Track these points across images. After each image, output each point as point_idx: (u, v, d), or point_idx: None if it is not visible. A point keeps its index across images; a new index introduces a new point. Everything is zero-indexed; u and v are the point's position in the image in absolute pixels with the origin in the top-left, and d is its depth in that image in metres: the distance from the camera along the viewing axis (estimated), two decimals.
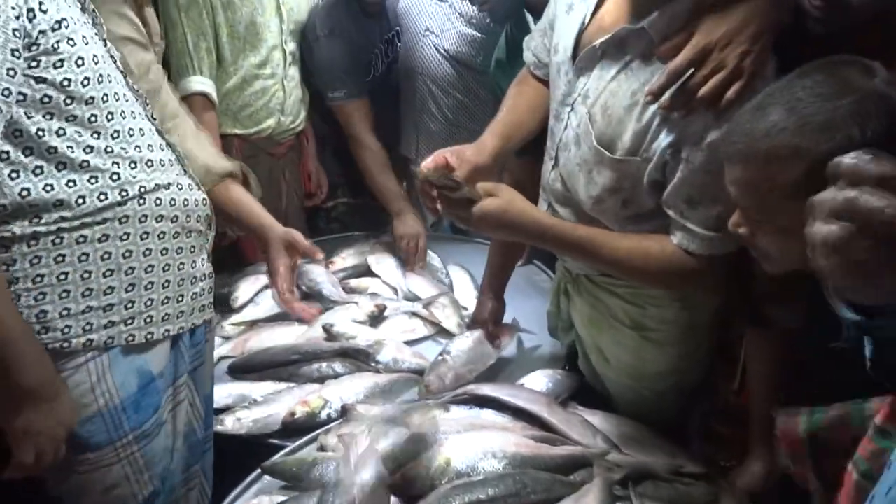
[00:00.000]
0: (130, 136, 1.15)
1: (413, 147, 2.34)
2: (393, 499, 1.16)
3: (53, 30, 1.02)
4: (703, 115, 1.07)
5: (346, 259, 2.10)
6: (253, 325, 1.82)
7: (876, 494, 0.65)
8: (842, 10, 1.00)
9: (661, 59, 1.09)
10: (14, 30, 0.97)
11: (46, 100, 1.03)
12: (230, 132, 2.08)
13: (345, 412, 1.45)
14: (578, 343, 1.57)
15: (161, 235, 1.18)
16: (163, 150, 1.22)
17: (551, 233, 1.19)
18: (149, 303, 1.17)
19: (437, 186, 1.16)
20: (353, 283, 1.99)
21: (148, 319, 1.18)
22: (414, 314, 1.84)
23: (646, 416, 1.46)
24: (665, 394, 1.48)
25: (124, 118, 1.13)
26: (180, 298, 1.23)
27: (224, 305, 1.85)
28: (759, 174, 0.88)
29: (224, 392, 1.55)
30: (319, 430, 1.41)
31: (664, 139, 1.11)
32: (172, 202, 1.20)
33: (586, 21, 1.22)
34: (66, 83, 1.04)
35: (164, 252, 1.19)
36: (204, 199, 1.28)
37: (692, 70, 1.05)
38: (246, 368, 1.66)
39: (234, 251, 2.06)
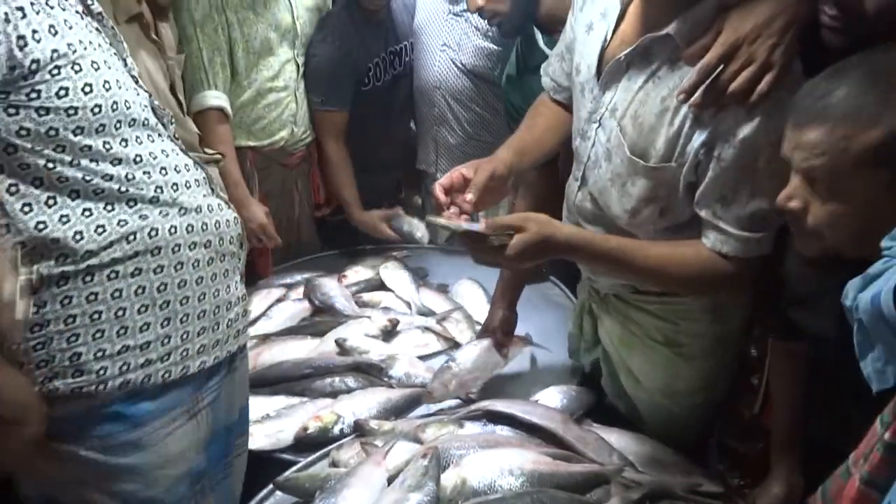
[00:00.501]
0: (154, 159, 1.09)
1: (433, 162, 2.35)
2: None
3: (52, 58, 0.96)
4: (734, 112, 1.07)
5: (358, 273, 2.10)
6: (265, 339, 1.82)
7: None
8: (857, 20, 1.00)
9: (689, 61, 1.10)
10: None
11: (53, 133, 0.97)
12: (244, 144, 2.09)
13: (358, 427, 1.44)
14: (605, 363, 1.55)
15: (196, 264, 1.12)
16: (188, 170, 1.15)
17: (584, 248, 1.18)
18: (185, 336, 1.11)
19: (462, 235, 1.14)
20: (366, 296, 1.99)
21: (184, 353, 1.11)
22: (427, 329, 1.83)
23: (675, 433, 1.45)
24: (695, 409, 1.48)
25: (140, 143, 1.07)
26: (216, 327, 1.16)
27: None
28: (833, 135, 0.86)
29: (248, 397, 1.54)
30: (332, 446, 1.40)
31: (697, 139, 1.11)
32: (205, 227, 1.13)
33: (608, 37, 1.23)
34: (72, 112, 0.98)
35: (199, 281, 1.13)
36: (235, 217, 1.22)
37: (722, 66, 1.05)
38: (258, 383, 1.64)
39: (245, 265, 2.05)
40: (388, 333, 1.80)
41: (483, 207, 1.29)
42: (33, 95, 0.96)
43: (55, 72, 0.97)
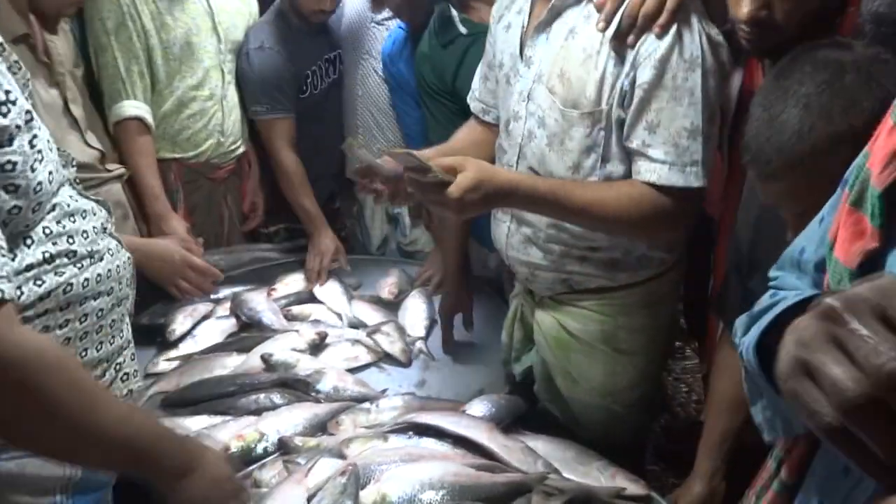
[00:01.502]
0: (66, 207, 1.01)
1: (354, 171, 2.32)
2: None
3: (27, 122, 0.89)
4: (650, 39, 1.17)
5: (288, 285, 2.05)
6: (188, 358, 1.76)
7: None
8: (772, 29, 1.04)
9: (598, 7, 1.20)
10: None
11: (16, 211, 0.89)
12: (168, 156, 2.02)
13: (282, 445, 1.40)
14: (539, 367, 1.56)
15: (99, 314, 1.07)
16: (94, 214, 1.08)
17: (523, 187, 1.20)
18: None
19: (406, 170, 1.15)
20: (296, 310, 1.94)
21: None
22: (357, 341, 1.80)
23: (612, 433, 1.49)
24: (632, 406, 1.51)
25: (58, 191, 0.99)
26: (104, 375, 1.13)
27: (159, 337, 1.79)
28: (810, 175, 0.88)
29: None
30: (254, 466, 1.36)
31: (621, 75, 1.19)
32: (109, 274, 1.08)
33: (525, 23, 1.34)
34: (38, 188, 0.91)
35: (98, 330, 1.08)
36: (128, 257, 1.16)
37: None
38: (180, 402, 1.59)
39: None
40: (317, 347, 1.76)
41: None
42: (8, 167, 0.88)
43: (33, 143, 0.91)
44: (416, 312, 1.91)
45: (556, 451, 1.37)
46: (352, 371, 1.70)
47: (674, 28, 1.16)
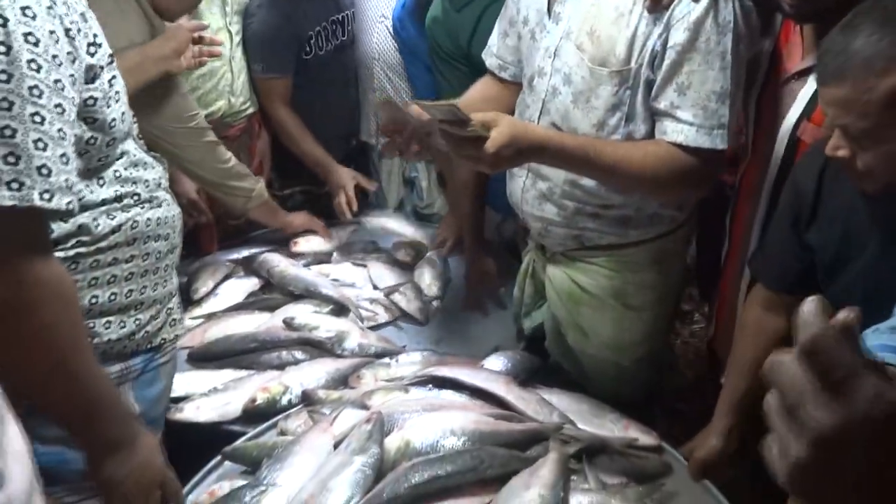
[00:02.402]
0: (133, 156, 1.11)
1: (374, 133, 2.34)
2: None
3: (108, 64, 1.00)
4: (685, 0, 1.18)
5: (310, 242, 2.08)
6: (212, 316, 1.80)
7: None
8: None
9: None
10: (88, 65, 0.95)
11: (92, 141, 1.00)
12: None
13: (305, 397, 1.45)
14: (550, 322, 1.60)
15: (158, 255, 1.16)
16: (154, 167, 1.17)
17: (554, 142, 1.22)
18: (137, 322, 1.14)
19: (441, 123, 1.15)
20: (315, 269, 1.98)
21: (131, 338, 1.14)
22: (375, 301, 1.85)
23: (620, 388, 1.53)
24: (640, 362, 1.56)
25: (124, 141, 1.09)
26: (157, 316, 1.19)
27: (183, 295, 1.83)
28: (856, 90, 0.89)
29: (183, 380, 1.53)
30: (280, 416, 1.41)
31: (653, 35, 1.21)
32: (166, 220, 1.17)
33: None
34: (112, 124, 1.01)
35: (155, 272, 1.16)
36: (179, 212, 1.24)
37: None
38: (205, 357, 1.64)
39: (189, 241, 2.03)
40: (339, 310, 1.80)
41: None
42: (90, 102, 0.98)
43: (112, 83, 1.01)
44: (431, 273, 1.95)
45: (571, 404, 1.42)
46: (371, 329, 1.75)
47: None
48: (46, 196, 0.86)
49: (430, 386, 1.43)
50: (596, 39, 1.26)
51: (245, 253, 2.04)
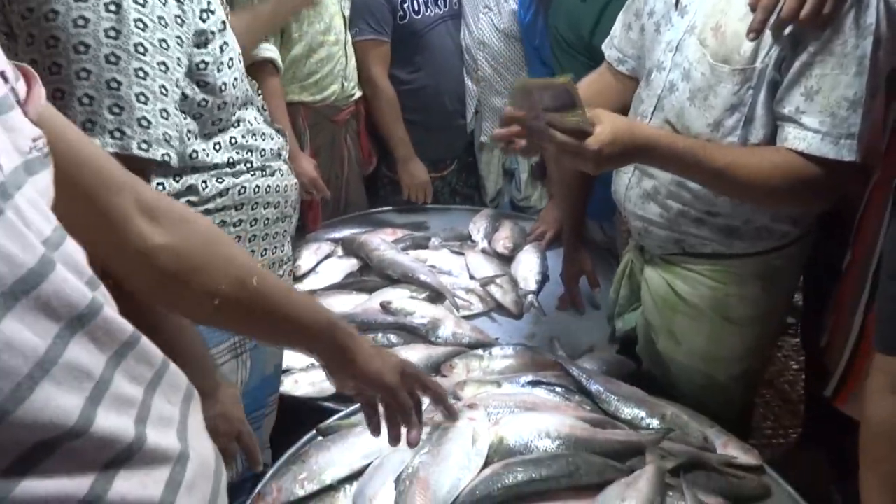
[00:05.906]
0: (250, 125, 1.16)
1: (475, 120, 2.34)
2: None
3: (220, 30, 1.03)
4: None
5: (405, 229, 2.12)
6: (312, 294, 1.86)
7: None
8: None
9: (752, 4, 1.14)
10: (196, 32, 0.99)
11: (203, 103, 1.04)
12: (296, 100, 2.10)
13: None
14: (643, 327, 1.56)
15: (266, 222, 1.21)
16: (273, 138, 1.22)
17: (662, 142, 1.17)
18: None
19: (546, 112, 1.10)
20: (413, 254, 2.00)
21: None
22: (471, 290, 1.85)
23: (710, 402, 1.46)
24: (734, 380, 1.48)
25: (241, 109, 1.13)
26: None
27: None
28: None
29: (283, 355, 1.59)
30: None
31: (783, 36, 1.13)
32: (277, 189, 1.22)
33: None
34: (223, 87, 1.05)
35: (264, 237, 1.22)
36: (295, 184, 1.29)
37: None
38: None
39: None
40: (434, 297, 1.82)
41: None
42: (202, 66, 1.03)
43: (223, 48, 1.05)
44: (528, 267, 1.93)
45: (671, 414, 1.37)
46: (465, 318, 1.76)
47: None
48: (144, 146, 0.91)
49: (524, 381, 1.42)
50: (721, 35, 1.19)
51: (346, 233, 2.09)
